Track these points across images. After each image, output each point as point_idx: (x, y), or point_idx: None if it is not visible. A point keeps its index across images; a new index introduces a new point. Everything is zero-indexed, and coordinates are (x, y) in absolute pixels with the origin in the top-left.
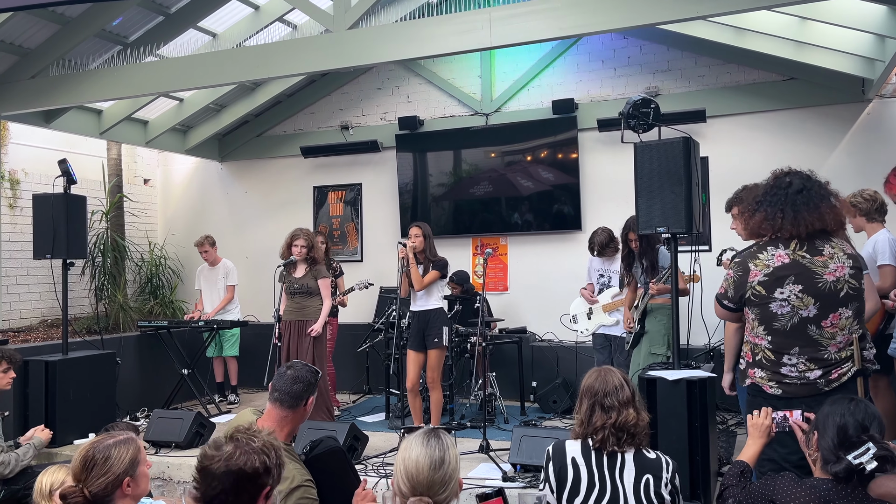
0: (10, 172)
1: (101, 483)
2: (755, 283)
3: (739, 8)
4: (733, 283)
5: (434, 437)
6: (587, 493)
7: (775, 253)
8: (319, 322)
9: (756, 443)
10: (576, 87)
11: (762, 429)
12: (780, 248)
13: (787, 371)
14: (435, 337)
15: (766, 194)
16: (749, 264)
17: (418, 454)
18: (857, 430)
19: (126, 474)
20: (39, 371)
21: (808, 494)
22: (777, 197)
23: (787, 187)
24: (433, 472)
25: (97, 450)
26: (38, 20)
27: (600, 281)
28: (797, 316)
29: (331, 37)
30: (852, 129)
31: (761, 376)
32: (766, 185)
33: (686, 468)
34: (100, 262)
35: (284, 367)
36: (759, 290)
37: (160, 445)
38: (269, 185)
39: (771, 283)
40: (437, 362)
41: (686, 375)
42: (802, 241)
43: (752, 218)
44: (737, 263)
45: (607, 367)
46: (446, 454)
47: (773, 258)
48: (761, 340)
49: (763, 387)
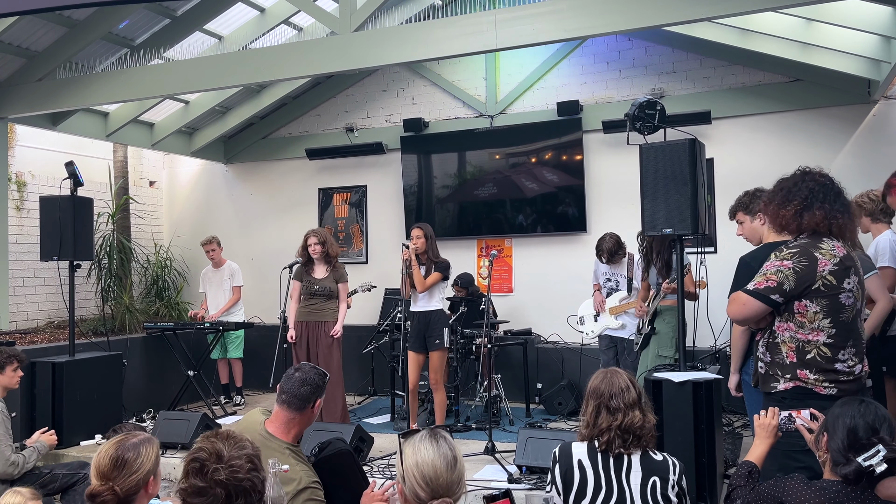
0: (17, 175)
1: (132, 480)
2: (826, 272)
3: (745, 9)
4: (795, 274)
5: (441, 437)
6: (594, 495)
7: (835, 244)
8: (339, 324)
9: (763, 443)
10: (581, 89)
11: (769, 429)
12: (834, 240)
13: (841, 367)
14: (437, 339)
15: (817, 191)
16: (816, 254)
17: (433, 457)
18: (867, 433)
19: (152, 472)
20: (46, 372)
21: (817, 496)
22: (829, 196)
23: (834, 185)
24: (450, 472)
25: (126, 448)
26: (46, 23)
27: (608, 285)
28: (855, 309)
29: (336, 39)
30: (858, 130)
31: (814, 378)
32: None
33: (692, 470)
34: (106, 263)
35: (292, 370)
36: (829, 280)
37: (166, 447)
38: (275, 187)
39: (841, 273)
40: (439, 364)
41: (692, 377)
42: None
43: (800, 214)
44: (797, 254)
45: (614, 369)
46: (457, 452)
47: (835, 248)
48: (818, 336)
49: (815, 388)
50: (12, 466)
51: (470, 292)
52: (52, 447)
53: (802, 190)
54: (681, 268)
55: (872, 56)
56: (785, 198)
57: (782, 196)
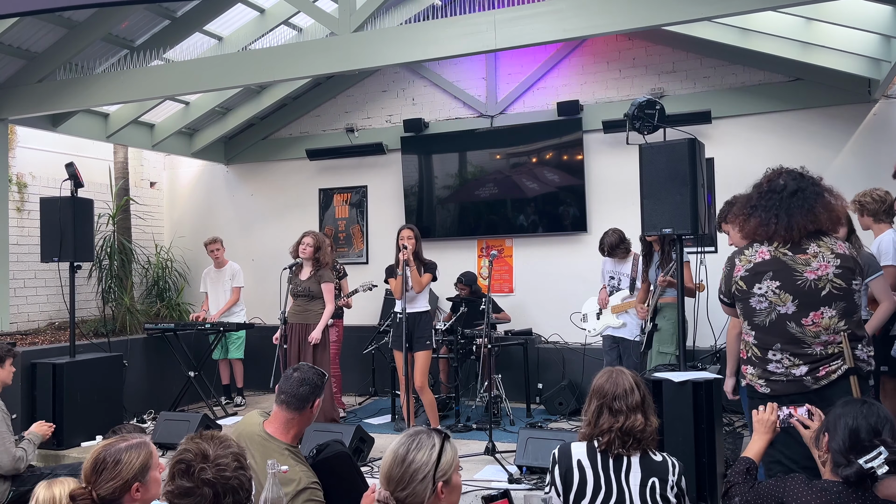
0: (17, 176)
1: (109, 487)
2: (738, 278)
3: (745, 9)
4: (724, 279)
5: (415, 434)
6: (593, 495)
7: (759, 249)
8: (318, 329)
9: (761, 438)
10: (581, 89)
11: (767, 424)
12: (764, 244)
13: (774, 368)
14: (427, 339)
15: (761, 198)
16: (735, 260)
17: (392, 446)
18: (869, 434)
19: (135, 480)
20: (47, 373)
21: (818, 497)
22: (772, 201)
23: (782, 190)
24: (392, 466)
25: (108, 453)
26: (46, 24)
27: (610, 283)
28: (774, 312)
29: (336, 40)
30: (858, 129)
31: (752, 374)
32: (759, 187)
33: (692, 470)
34: (107, 264)
35: (291, 370)
36: (740, 285)
37: (167, 447)
38: (275, 188)
39: (750, 279)
40: (424, 364)
41: (692, 377)
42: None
43: (746, 223)
44: (727, 259)
45: (620, 369)
46: (415, 453)
47: (756, 254)
48: (748, 336)
49: (755, 386)
50: (19, 461)
51: (473, 291)
52: (45, 437)
53: (749, 200)
54: (681, 265)
55: (872, 55)
56: (740, 210)
57: (737, 208)
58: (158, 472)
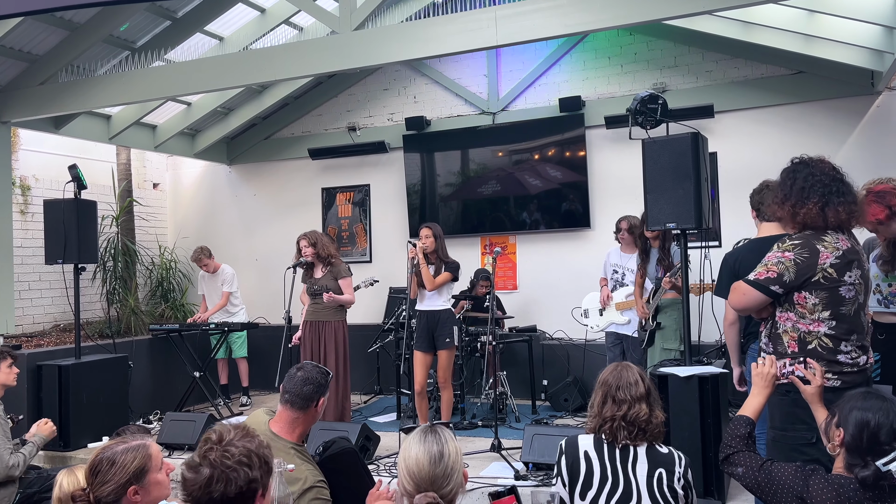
0: (20, 178)
1: (104, 490)
2: (827, 265)
3: (746, 2)
4: (795, 266)
5: (431, 432)
6: (600, 486)
7: (839, 237)
8: (334, 296)
9: (761, 393)
10: (582, 85)
11: (767, 378)
12: (838, 232)
13: (844, 359)
14: (446, 337)
15: (825, 185)
16: (818, 246)
17: (417, 451)
18: (889, 436)
19: (131, 483)
20: (53, 375)
21: (834, 495)
22: (835, 188)
23: (841, 178)
24: (433, 466)
25: (105, 455)
26: (47, 26)
27: (614, 277)
28: (857, 302)
29: (337, 38)
30: (862, 121)
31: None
32: (813, 174)
33: (699, 464)
34: (111, 266)
35: (294, 369)
36: (830, 273)
37: (173, 448)
38: (278, 188)
39: (842, 266)
40: (448, 362)
41: (698, 372)
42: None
43: (806, 209)
44: (798, 246)
45: (626, 363)
46: (444, 447)
47: (839, 241)
48: (820, 327)
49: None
50: (13, 469)
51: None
52: (51, 436)
53: (797, 185)
54: (684, 262)
55: (875, 47)
56: (785, 196)
57: (782, 195)
58: (163, 474)
